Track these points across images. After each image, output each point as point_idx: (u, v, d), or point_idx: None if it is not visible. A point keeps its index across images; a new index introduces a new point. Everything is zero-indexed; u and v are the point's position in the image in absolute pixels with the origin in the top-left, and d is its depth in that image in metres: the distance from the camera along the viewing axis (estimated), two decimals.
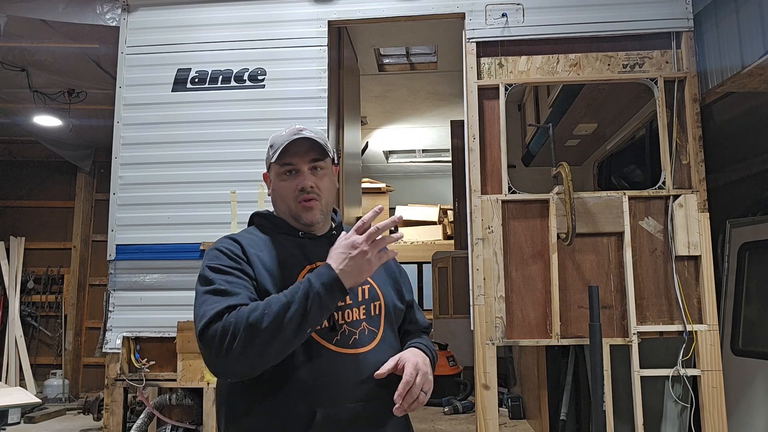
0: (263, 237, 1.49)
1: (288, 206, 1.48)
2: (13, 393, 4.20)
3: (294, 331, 1.23)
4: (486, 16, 3.40)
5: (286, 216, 1.50)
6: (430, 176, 9.57)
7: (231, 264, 1.38)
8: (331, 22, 3.52)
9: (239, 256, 1.40)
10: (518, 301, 3.15)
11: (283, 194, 1.48)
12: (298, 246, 1.47)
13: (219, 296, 1.30)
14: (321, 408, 1.29)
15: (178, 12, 3.63)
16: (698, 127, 3.19)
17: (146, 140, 3.51)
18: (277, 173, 1.49)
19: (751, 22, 2.84)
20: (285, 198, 1.48)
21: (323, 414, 1.29)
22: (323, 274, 1.27)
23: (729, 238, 3.68)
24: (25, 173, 7.43)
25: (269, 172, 1.54)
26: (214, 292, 1.31)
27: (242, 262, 1.39)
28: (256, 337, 1.21)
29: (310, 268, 1.41)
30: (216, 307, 1.26)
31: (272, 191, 1.53)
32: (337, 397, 1.31)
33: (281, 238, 1.49)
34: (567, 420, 3.64)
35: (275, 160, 1.47)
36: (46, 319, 7.18)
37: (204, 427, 3.23)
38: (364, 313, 1.43)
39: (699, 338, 3.02)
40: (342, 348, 1.36)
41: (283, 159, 1.45)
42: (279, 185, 1.49)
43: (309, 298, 1.24)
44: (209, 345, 1.24)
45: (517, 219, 3.22)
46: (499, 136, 3.30)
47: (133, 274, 3.40)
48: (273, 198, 1.53)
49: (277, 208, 1.54)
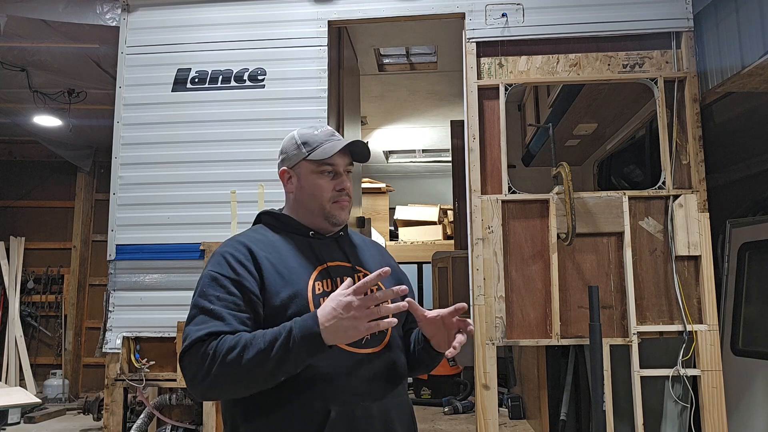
0: (273, 237, 1.49)
1: (321, 204, 1.49)
2: (13, 393, 4.20)
3: (265, 378, 1.26)
4: (486, 16, 3.40)
5: (313, 214, 1.51)
6: (430, 176, 9.57)
7: (231, 275, 1.37)
8: (331, 22, 3.52)
9: (243, 263, 1.39)
10: (518, 301, 3.15)
11: (317, 193, 1.49)
12: (308, 246, 1.49)
13: (206, 317, 1.32)
14: (335, 406, 1.31)
15: (178, 12, 3.63)
16: (698, 127, 3.19)
17: (146, 140, 3.51)
18: (312, 171, 1.50)
19: (751, 22, 2.84)
20: (319, 196, 1.49)
21: (337, 412, 1.31)
22: (307, 328, 1.24)
23: (729, 238, 3.68)
24: (25, 173, 7.43)
25: (295, 169, 1.53)
26: (203, 311, 1.33)
27: (244, 272, 1.38)
28: (228, 374, 1.24)
29: (321, 269, 1.44)
30: (199, 332, 1.29)
31: (300, 188, 1.52)
32: (351, 395, 1.34)
33: (291, 238, 1.49)
34: (567, 420, 3.63)
35: (314, 158, 1.48)
36: (46, 319, 7.18)
37: (204, 427, 3.23)
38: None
39: (699, 338, 3.02)
40: (355, 348, 1.38)
41: (325, 159, 1.48)
42: (314, 183, 1.49)
43: (288, 351, 1.23)
44: (185, 369, 1.29)
45: (517, 219, 3.22)
46: (499, 136, 3.30)
47: (133, 274, 3.40)
48: (299, 196, 1.52)
49: (303, 205, 1.52)
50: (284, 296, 1.36)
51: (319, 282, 1.42)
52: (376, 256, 1.63)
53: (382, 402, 1.38)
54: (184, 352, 1.29)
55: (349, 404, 1.33)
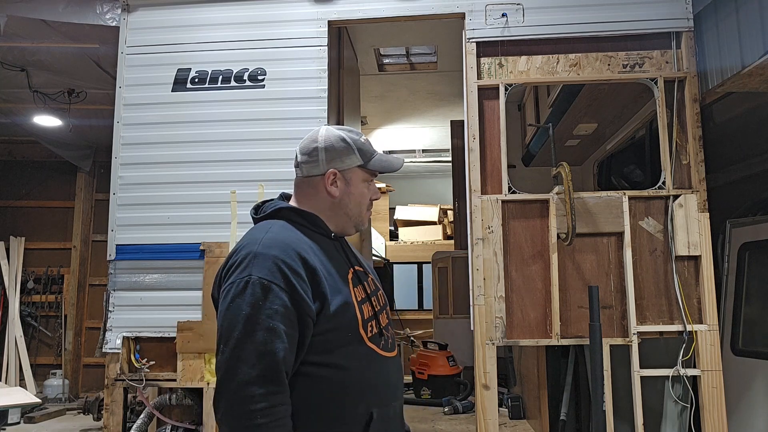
0: (305, 238, 1.43)
1: (360, 212, 1.54)
2: (13, 393, 4.20)
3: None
4: (486, 16, 3.40)
5: (349, 218, 1.53)
6: (430, 176, 9.57)
7: (286, 287, 1.29)
8: (331, 22, 3.52)
9: (297, 271, 1.32)
10: (518, 301, 3.15)
11: (362, 200, 1.53)
12: (336, 248, 1.50)
13: (269, 335, 1.24)
14: (376, 408, 1.37)
15: (178, 12, 3.63)
16: (698, 127, 3.19)
17: (146, 140, 3.51)
18: (363, 179, 1.53)
19: (751, 22, 2.84)
20: (362, 204, 1.54)
21: (378, 413, 1.37)
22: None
23: (729, 238, 3.68)
24: (25, 173, 7.43)
25: (345, 173, 1.49)
26: (265, 329, 1.25)
27: (299, 283, 1.31)
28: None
29: (352, 274, 1.47)
30: (272, 356, 1.24)
31: (347, 193, 1.50)
32: (386, 397, 1.42)
33: (321, 240, 1.47)
34: (567, 420, 3.63)
35: (372, 167, 1.52)
36: (46, 319, 7.18)
37: (204, 427, 3.23)
38: (387, 317, 1.53)
39: (699, 338, 3.02)
40: (386, 352, 1.45)
41: (378, 171, 1.54)
42: (362, 191, 1.53)
43: None
44: (231, 413, 1.22)
45: (517, 219, 3.22)
46: (499, 136, 3.30)
47: (133, 274, 3.40)
48: (345, 199, 1.50)
49: (344, 209, 1.51)
50: (337, 303, 1.36)
51: (356, 288, 1.44)
52: (359, 256, 1.66)
53: (400, 401, 1.51)
54: (261, 378, 1.21)
55: (384, 405, 1.40)
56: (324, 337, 1.33)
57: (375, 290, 1.52)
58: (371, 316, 1.43)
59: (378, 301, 1.50)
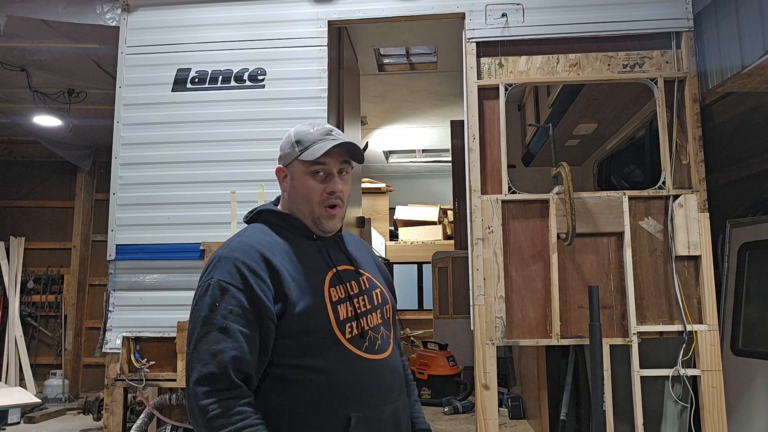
0: (280, 240, 1.42)
1: (311, 208, 1.44)
2: (13, 393, 4.20)
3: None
4: (486, 16, 3.40)
5: (303, 216, 1.46)
6: (430, 176, 9.57)
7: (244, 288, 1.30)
8: (331, 22, 3.52)
9: (258, 273, 1.32)
10: (518, 301, 3.15)
11: (308, 195, 1.44)
12: (316, 249, 1.45)
13: (221, 335, 1.26)
14: (355, 412, 1.32)
15: (178, 12, 3.63)
16: (698, 127, 3.19)
17: (146, 140, 3.51)
18: (304, 171, 1.44)
19: (751, 22, 2.84)
20: (310, 199, 1.44)
21: (357, 418, 1.32)
22: None
23: (729, 238, 3.68)
24: (25, 173, 7.43)
25: (289, 168, 1.47)
26: (218, 328, 1.27)
27: (259, 284, 1.31)
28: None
29: (332, 274, 1.41)
30: (222, 354, 1.24)
31: (293, 189, 1.47)
32: (371, 402, 1.36)
33: (299, 241, 1.44)
34: (567, 420, 3.63)
35: (305, 158, 1.42)
36: (46, 319, 7.18)
37: None
38: (380, 318, 1.46)
39: (699, 338, 3.02)
40: (371, 354, 1.39)
41: (315, 159, 1.41)
42: (305, 184, 1.44)
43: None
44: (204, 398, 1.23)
45: (517, 219, 3.22)
46: (499, 136, 3.30)
47: (133, 274, 3.40)
48: (292, 196, 1.47)
49: (296, 206, 1.47)
50: (303, 306, 1.33)
51: (333, 288, 1.39)
52: (367, 257, 1.61)
53: (395, 405, 1.42)
54: (210, 375, 1.23)
55: (366, 409, 1.34)
56: (295, 339, 1.31)
57: (366, 290, 1.46)
58: (350, 317, 1.38)
59: (368, 301, 1.45)
